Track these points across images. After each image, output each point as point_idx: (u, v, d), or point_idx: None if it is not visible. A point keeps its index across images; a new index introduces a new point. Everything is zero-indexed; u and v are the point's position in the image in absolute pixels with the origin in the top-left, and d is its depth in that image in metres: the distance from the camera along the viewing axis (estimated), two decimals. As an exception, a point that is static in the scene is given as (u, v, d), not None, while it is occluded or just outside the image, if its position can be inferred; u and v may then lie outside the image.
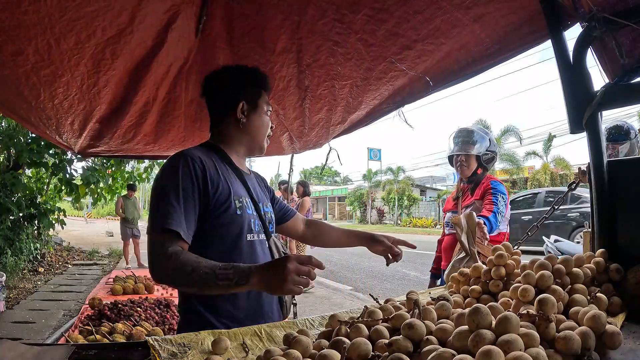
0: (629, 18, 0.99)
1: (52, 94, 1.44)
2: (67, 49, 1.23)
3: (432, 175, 36.46)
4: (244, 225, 1.16)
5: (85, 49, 1.26)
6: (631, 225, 1.06)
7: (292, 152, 2.42)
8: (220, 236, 1.13)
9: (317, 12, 1.36)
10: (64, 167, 6.53)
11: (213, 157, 1.20)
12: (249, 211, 1.19)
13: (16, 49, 1.18)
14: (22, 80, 1.33)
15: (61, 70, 1.33)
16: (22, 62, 1.24)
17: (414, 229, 22.31)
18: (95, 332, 1.97)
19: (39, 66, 1.27)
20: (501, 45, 1.41)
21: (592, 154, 1.13)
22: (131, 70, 1.49)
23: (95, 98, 1.54)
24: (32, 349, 0.86)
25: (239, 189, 1.19)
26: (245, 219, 1.16)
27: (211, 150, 1.23)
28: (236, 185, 1.19)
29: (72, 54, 1.26)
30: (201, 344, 0.85)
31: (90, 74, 1.39)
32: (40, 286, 6.12)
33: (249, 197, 1.21)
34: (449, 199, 2.65)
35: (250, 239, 1.17)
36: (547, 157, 22.39)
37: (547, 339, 0.70)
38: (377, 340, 0.74)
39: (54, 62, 1.27)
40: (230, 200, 1.13)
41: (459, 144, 2.40)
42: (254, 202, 1.22)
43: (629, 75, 1.16)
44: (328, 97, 1.79)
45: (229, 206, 1.13)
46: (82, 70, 1.36)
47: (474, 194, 2.36)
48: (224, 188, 1.13)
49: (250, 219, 1.18)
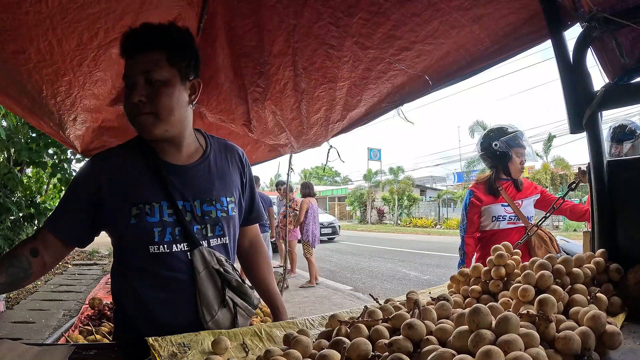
0: (629, 18, 0.99)
1: (55, 92, 1.45)
2: (69, 50, 1.24)
3: (432, 175, 36.49)
4: (143, 235, 1.01)
5: (87, 49, 1.26)
6: (631, 225, 1.06)
7: (291, 152, 2.42)
8: (125, 247, 1.06)
9: (313, 16, 1.36)
10: (64, 166, 6.53)
11: (134, 152, 1.08)
12: (152, 219, 1.02)
13: (18, 47, 1.19)
14: (25, 76, 1.34)
15: (63, 70, 1.33)
16: (24, 61, 1.25)
17: (414, 229, 22.31)
18: (95, 332, 1.97)
19: (41, 65, 1.28)
20: (501, 45, 1.41)
21: (592, 154, 1.13)
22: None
23: (97, 96, 1.54)
24: (32, 349, 0.86)
25: (144, 193, 1.03)
26: (142, 229, 1.01)
27: (141, 143, 1.09)
28: (143, 188, 1.03)
29: (75, 54, 1.27)
30: (201, 343, 0.85)
31: (92, 74, 1.40)
32: (40, 286, 6.12)
33: (165, 200, 1.03)
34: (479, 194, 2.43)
35: (153, 251, 1.02)
36: (547, 157, 22.43)
37: (547, 339, 0.70)
38: (377, 340, 0.74)
39: (56, 61, 1.28)
40: (123, 209, 1.01)
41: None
42: (171, 206, 1.04)
43: (629, 75, 1.16)
44: (326, 98, 1.79)
45: (122, 216, 1.02)
46: (85, 71, 1.37)
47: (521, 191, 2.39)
48: (119, 194, 1.02)
49: (154, 228, 1.01)
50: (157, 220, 1.02)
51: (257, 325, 0.98)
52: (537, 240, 2.13)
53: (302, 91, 1.73)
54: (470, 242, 2.39)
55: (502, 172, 2.39)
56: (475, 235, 2.41)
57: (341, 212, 38.74)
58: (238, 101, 1.86)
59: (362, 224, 29.61)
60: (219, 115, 2.00)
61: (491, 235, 2.34)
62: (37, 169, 7.02)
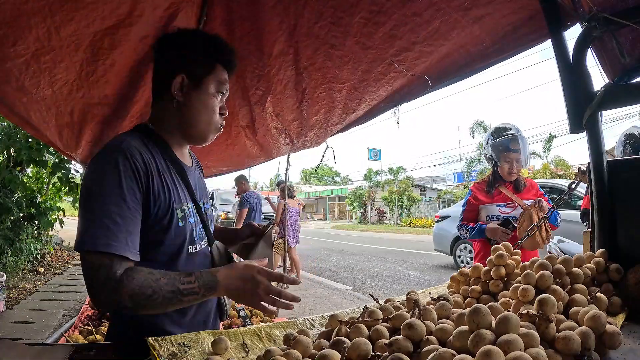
0: (629, 18, 0.99)
1: (52, 81, 1.44)
2: (66, 36, 1.25)
3: (432, 175, 36.50)
4: (186, 237, 0.98)
5: (84, 35, 1.27)
6: (631, 225, 1.06)
7: (290, 152, 2.43)
8: (158, 252, 0.95)
9: (314, 15, 1.36)
10: (64, 165, 6.53)
11: (153, 150, 0.97)
12: (191, 219, 1.01)
13: (17, 38, 1.20)
14: (23, 69, 1.34)
15: (60, 56, 1.33)
16: (23, 51, 1.26)
17: (414, 229, 22.30)
18: (95, 332, 1.97)
19: (39, 53, 1.29)
20: (501, 45, 1.41)
21: (592, 154, 1.13)
22: (132, 67, 1.49)
23: (93, 86, 1.54)
24: (32, 349, 0.86)
25: (180, 194, 0.99)
26: (187, 230, 0.99)
27: (149, 139, 0.99)
28: (177, 188, 0.99)
29: (71, 40, 1.28)
30: (201, 343, 0.85)
31: (88, 62, 1.40)
32: (40, 286, 6.11)
33: (191, 201, 1.02)
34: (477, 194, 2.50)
35: (191, 251, 1.00)
36: (547, 157, 22.42)
37: (547, 339, 0.70)
38: (377, 340, 0.74)
39: (54, 48, 1.28)
40: (171, 212, 0.94)
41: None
42: (196, 206, 1.04)
43: (629, 75, 1.16)
44: (326, 100, 1.79)
45: (171, 219, 0.94)
46: (81, 57, 1.37)
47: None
48: (165, 197, 0.94)
49: (192, 228, 1.01)
50: (193, 220, 1.02)
51: (257, 325, 0.98)
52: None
53: (303, 91, 1.73)
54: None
55: (498, 174, 2.42)
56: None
57: (341, 212, 38.74)
58: (240, 102, 1.86)
59: (362, 224, 29.59)
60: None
61: None
62: (37, 169, 7.01)
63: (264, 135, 2.14)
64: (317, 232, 21.12)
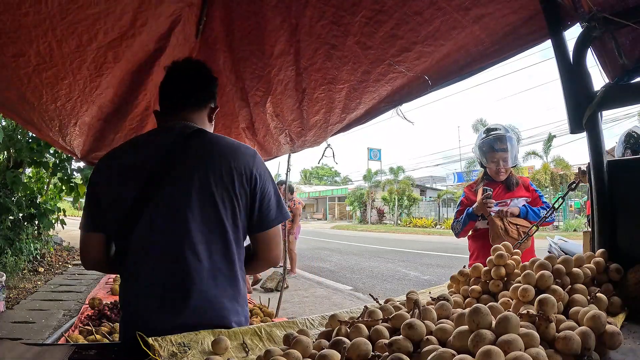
0: (629, 18, 0.99)
1: (55, 96, 1.44)
2: (69, 52, 1.23)
3: (432, 175, 36.52)
4: None
5: (87, 51, 1.26)
6: (631, 225, 1.06)
7: (290, 151, 2.43)
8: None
9: (316, 14, 1.36)
10: (64, 166, 6.52)
11: None
12: None
13: (17, 50, 1.18)
14: (24, 81, 1.33)
15: (63, 73, 1.32)
16: (24, 64, 1.24)
17: (414, 229, 22.31)
18: (95, 332, 1.96)
19: (41, 68, 1.27)
20: (501, 45, 1.41)
21: (592, 154, 1.13)
22: (133, 72, 1.49)
23: (97, 100, 1.54)
24: (32, 349, 0.86)
25: None
26: None
27: None
28: None
29: (74, 57, 1.26)
30: (201, 343, 0.85)
31: (92, 77, 1.39)
32: (40, 286, 6.12)
33: None
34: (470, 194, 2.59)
35: None
36: (547, 157, 22.44)
37: (547, 339, 0.70)
38: (377, 340, 0.74)
39: (56, 64, 1.27)
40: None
41: None
42: None
43: (629, 75, 1.16)
44: (325, 100, 1.79)
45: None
46: (85, 74, 1.36)
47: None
48: None
49: None
50: None
51: (257, 325, 0.98)
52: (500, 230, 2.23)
53: (303, 91, 1.73)
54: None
55: (488, 174, 2.47)
56: None
57: (341, 212, 38.74)
58: (240, 104, 1.86)
59: (362, 224, 29.58)
60: (222, 120, 2.01)
61: (479, 233, 2.44)
62: (37, 169, 7.01)
63: (264, 135, 2.14)
64: (317, 232, 21.12)
